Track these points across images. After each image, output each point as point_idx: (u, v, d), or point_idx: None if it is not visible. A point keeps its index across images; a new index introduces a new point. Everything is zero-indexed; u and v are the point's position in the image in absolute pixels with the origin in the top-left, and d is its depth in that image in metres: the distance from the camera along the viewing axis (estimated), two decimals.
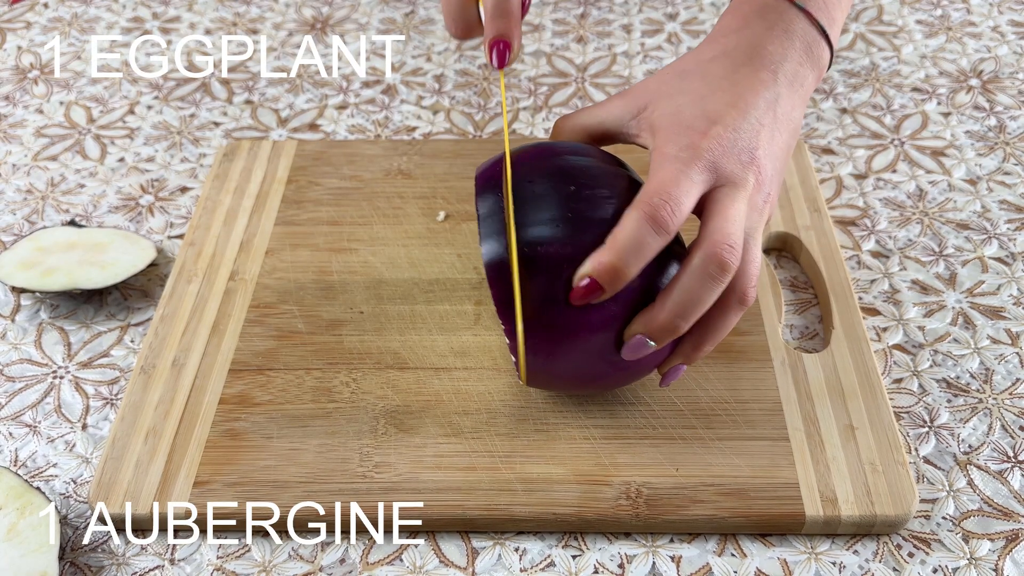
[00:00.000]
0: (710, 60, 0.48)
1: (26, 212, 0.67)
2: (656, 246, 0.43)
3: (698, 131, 0.44)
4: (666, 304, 0.44)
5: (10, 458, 0.53)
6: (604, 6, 0.86)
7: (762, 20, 0.48)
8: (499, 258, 0.44)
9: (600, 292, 0.43)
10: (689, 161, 0.44)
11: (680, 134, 0.45)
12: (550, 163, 0.47)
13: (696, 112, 0.45)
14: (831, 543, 0.48)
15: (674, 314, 0.44)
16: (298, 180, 0.67)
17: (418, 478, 0.49)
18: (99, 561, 0.49)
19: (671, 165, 0.44)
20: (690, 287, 0.43)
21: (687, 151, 0.44)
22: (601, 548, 0.48)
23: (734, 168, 0.45)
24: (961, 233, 0.64)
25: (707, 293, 0.44)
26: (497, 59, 0.50)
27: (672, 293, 0.44)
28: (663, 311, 0.44)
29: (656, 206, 0.42)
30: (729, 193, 0.44)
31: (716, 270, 0.43)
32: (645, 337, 0.45)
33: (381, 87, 0.77)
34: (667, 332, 0.44)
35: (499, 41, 0.49)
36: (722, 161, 0.44)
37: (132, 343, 0.59)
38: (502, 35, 0.49)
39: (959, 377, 0.55)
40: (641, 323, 0.45)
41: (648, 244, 0.43)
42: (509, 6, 0.49)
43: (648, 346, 0.45)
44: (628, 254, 0.42)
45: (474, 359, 0.55)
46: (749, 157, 0.45)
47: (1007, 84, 0.75)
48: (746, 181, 0.45)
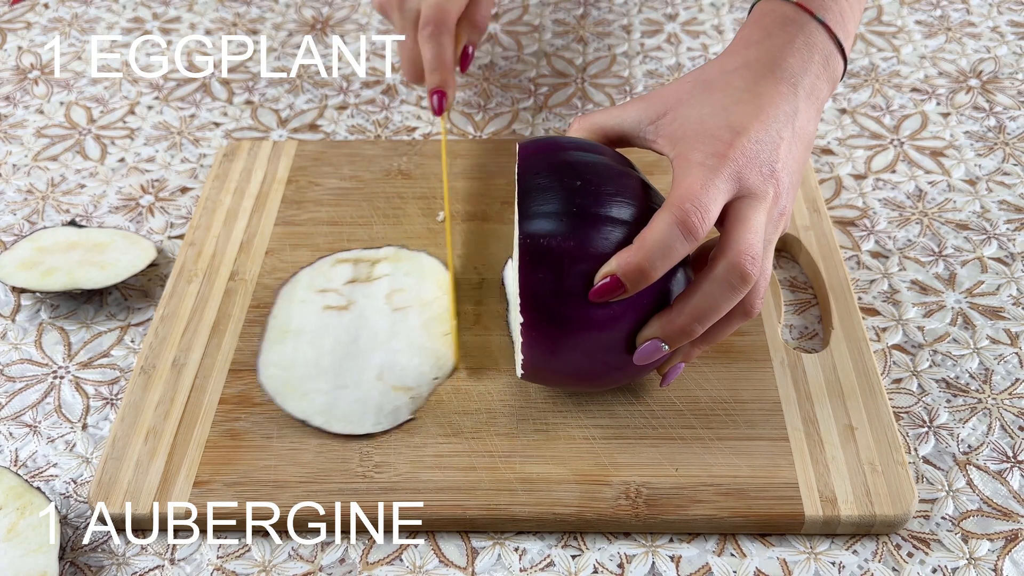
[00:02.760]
0: (732, 71, 0.48)
1: (26, 212, 0.67)
2: (683, 251, 0.44)
3: (724, 141, 0.45)
4: (685, 309, 0.45)
5: (10, 458, 0.53)
6: (604, 6, 0.86)
7: (783, 32, 0.49)
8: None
9: (622, 291, 0.44)
10: (716, 169, 0.44)
11: (705, 143, 0.45)
12: (558, 157, 0.47)
13: (720, 122, 0.46)
14: (830, 543, 0.48)
15: (692, 319, 0.45)
16: (298, 180, 0.67)
17: (418, 478, 0.49)
18: (99, 561, 0.49)
19: (698, 172, 0.44)
20: (710, 294, 0.44)
21: (713, 159, 0.44)
22: (601, 548, 0.49)
23: (756, 180, 0.45)
24: (960, 233, 0.64)
25: (726, 302, 0.44)
26: (437, 105, 0.62)
27: (692, 299, 0.45)
28: (681, 315, 0.45)
29: (687, 211, 0.43)
30: (751, 204, 0.45)
31: (738, 280, 0.44)
32: (660, 341, 0.45)
33: (381, 87, 0.77)
34: (683, 336, 0.45)
35: (436, 91, 0.62)
36: (746, 172, 0.45)
37: (132, 343, 0.59)
38: (438, 86, 0.62)
39: (958, 377, 0.55)
40: (657, 326, 0.45)
41: (676, 248, 0.43)
42: (443, 60, 0.61)
43: (662, 350, 0.46)
44: (656, 256, 0.43)
45: (474, 359, 0.55)
46: (770, 170, 0.45)
47: (1007, 84, 0.76)
48: (766, 194, 0.45)
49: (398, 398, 0.52)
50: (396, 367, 0.53)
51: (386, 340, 0.55)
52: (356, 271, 0.59)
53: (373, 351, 0.54)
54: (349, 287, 0.58)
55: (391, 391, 0.52)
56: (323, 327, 0.56)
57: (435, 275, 0.59)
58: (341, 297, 0.57)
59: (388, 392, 0.52)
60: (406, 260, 0.59)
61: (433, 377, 0.53)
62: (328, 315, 0.56)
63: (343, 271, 0.59)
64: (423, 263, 0.59)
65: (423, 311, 0.56)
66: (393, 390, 0.52)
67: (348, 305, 0.56)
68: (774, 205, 0.46)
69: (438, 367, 0.54)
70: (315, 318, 0.56)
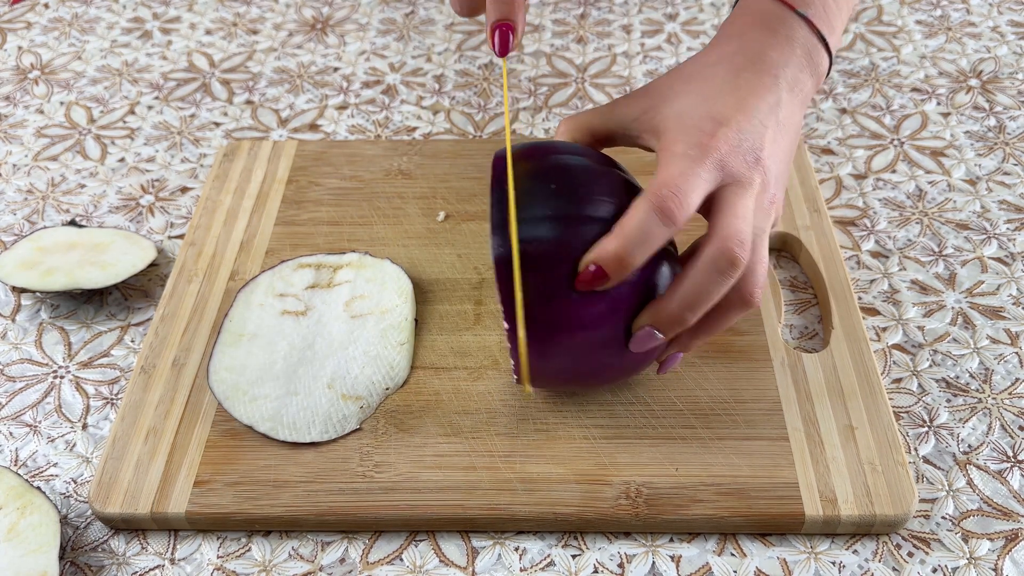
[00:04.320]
0: (713, 64, 0.48)
1: (26, 212, 0.67)
2: (662, 237, 0.43)
3: (705, 132, 0.45)
4: (675, 297, 0.45)
5: (10, 458, 0.53)
6: (604, 6, 0.86)
7: (764, 27, 0.49)
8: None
9: (605, 279, 0.43)
10: (698, 159, 0.44)
11: (687, 134, 0.45)
12: (541, 161, 0.47)
13: (702, 113, 0.46)
14: (831, 543, 0.48)
15: (682, 307, 0.44)
16: (298, 180, 0.67)
17: (418, 478, 0.49)
18: (99, 561, 0.49)
19: (680, 161, 0.44)
20: (699, 281, 0.44)
21: (695, 149, 0.44)
22: (601, 548, 0.49)
23: (741, 168, 0.45)
24: (961, 233, 0.64)
25: (716, 288, 0.44)
26: (500, 43, 0.48)
27: (681, 286, 0.44)
28: (671, 303, 0.45)
29: (664, 197, 0.43)
30: (736, 191, 0.45)
31: (726, 265, 0.44)
32: (653, 329, 0.45)
33: (381, 87, 0.77)
34: (675, 324, 0.45)
35: (501, 24, 0.47)
36: (729, 161, 0.45)
37: (132, 343, 0.59)
38: (505, 18, 0.47)
39: (959, 377, 0.55)
40: (649, 315, 0.45)
41: (654, 234, 0.43)
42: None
43: (656, 338, 0.46)
44: (634, 243, 0.43)
45: (474, 359, 0.55)
46: (755, 158, 0.45)
47: (1007, 84, 0.76)
48: (752, 181, 0.45)
49: (347, 407, 0.52)
50: (348, 376, 0.53)
51: (341, 347, 0.54)
52: (317, 276, 0.58)
53: (327, 358, 0.54)
54: (309, 292, 0.57)
55: (340, 400, 0.52)
56: (278, 332, 0.55)
57: (397, 283, 0.58)
58: (299, 302, 0.56)
59: (337, 401, 0.52)
60: (369, 267, 0.59)
61: (384, 387, 0.53)
62: (285, 320, 0.56)
63: (304, 276, 0.58)
64: (386, 270, 0.58)
65: (381, 319, 0.55)
66: (342, 399, 0.52)
67: (306, 311, 0.56)
68: (762, 192, 0.46)
69: (390, 377, 0.53)
70: (271, 322, 0.56)
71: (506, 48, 0.48)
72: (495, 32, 0.48)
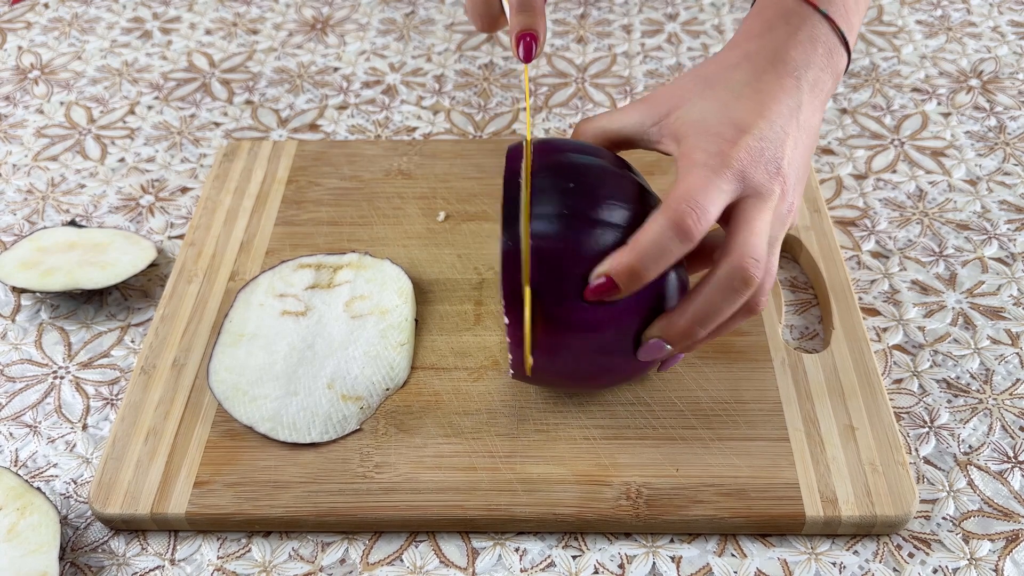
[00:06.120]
0: (734, 66, 0.48)
1: (26, 212, 0.67)
2: (678, 253, 0.43)
3: (726, 139, 0.44)
4: (687, 311, 0.44)
5: (10, 458, 0.53)
6: (604, 6, 0.86)
7: (786, 25, 0.48)
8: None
9: (616, 292, 0.43)
10: (718, 169, 0.44)
11: (708, 141, 0.45)
12: (553, 159, 0.47)
13: (722, 119, 0.45)
14: (831, 543, 0.48)
15: (694, 322, 0.44)
16: (298, 180, 0.67)
17: (418, 478, 0.49)
18: (99, 561, 0.49)
19: (700, 172, 0.44)
20: (713, 298, 0.44)
21: (716, 158, 0.44)
22: (601, 548, 0.49)
23: (762, 179, 0.44)
24: (961, 233, 0.64)
25: (728, 305, 0.44)
26: (524, 52, 0.49)
27: (694, 301, 0.44)
28: (684, 318, 0.44)
29: (683, 212, 0.42)
30: (756, 204, 0.44)
31: (740, 284, 0.43)
32: (662, 341, 0.45)
33: (381, 87, 0.77)
34: (686, 338, 0.45)
35: (526, 34, 0.49)
36: (750, 171, 0.44)
37: (132, 343, 0.59)
38: (528, 28, 0.49)
39: (959, 377, 0.55)
40: (660, 327, 0.45)
41: (670, 250, 0.43)
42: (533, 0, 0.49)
43: (665, 349, 0.46)
44: (649, 258, 0.43)
45: (474, 359, 0.55)
46: (775, 168, 0.45)
47: (1007, 84, 0.75)
48: (772, 192, 0.45)
49: (347, 408, 0.52)
50: (348, 376, 0.53)
51: (341, 347, 0.54)
52: (317, 277, 0.58)
53: (327, 358, 0.54)
54: (309, 293, 0.57)
55: (340, 400, 0.52)
56: (279, 332, 0.55)
57: (397, 283, 0.58)
58: (300, 303, 0.56)
59: (336, 401, 0.52)
60: (369, 267, 0.58)
61: (385, 388, 0.53)
62: (285, 320, 0.56)
63: (304, 276, 0.58)
64: (386, 271, 0.58)
65: (381, 320, 0.55)
66: (342, 399, 0.52)
67: (306, 311, 0.56)
68: (781, 202, 0.45)
69: (390, 377, 0.53)
70: (272, 323, 0.56)
71: (530, 56, 0.49)
72: (520, 42, 0.49)
